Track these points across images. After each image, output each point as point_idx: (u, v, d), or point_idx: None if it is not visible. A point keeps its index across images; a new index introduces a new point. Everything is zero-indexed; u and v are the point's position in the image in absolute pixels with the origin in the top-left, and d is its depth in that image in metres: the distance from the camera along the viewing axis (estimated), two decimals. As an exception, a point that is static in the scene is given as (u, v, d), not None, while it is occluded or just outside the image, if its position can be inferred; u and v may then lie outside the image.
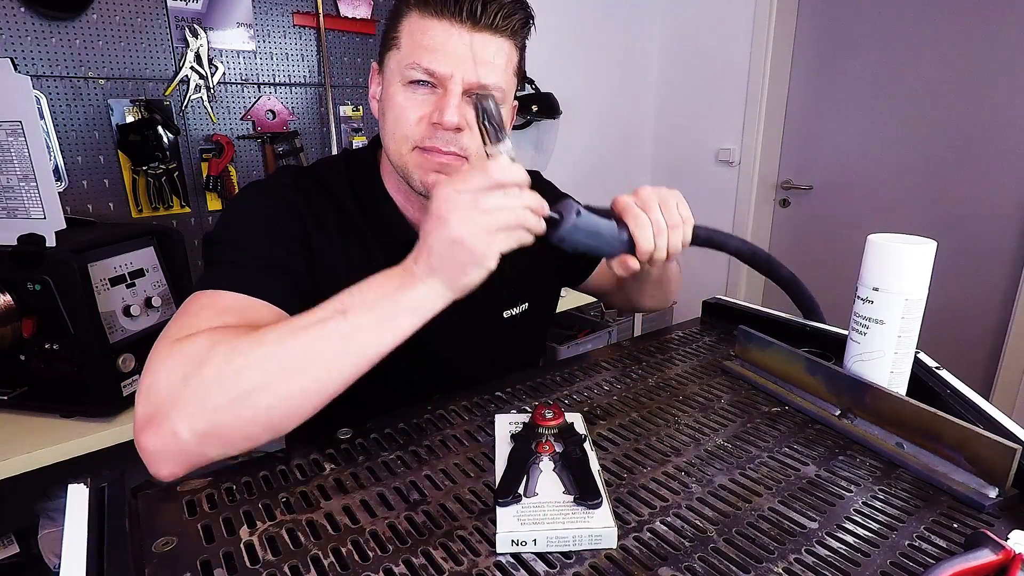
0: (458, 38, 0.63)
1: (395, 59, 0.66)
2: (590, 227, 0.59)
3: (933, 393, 0.64)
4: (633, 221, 0.61)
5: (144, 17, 1.42)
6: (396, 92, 0.66)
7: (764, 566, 0.41)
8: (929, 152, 2.01)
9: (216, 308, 0.58)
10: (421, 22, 0.64)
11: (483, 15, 0.63)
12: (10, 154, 0.94)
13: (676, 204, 0.64)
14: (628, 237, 0.62)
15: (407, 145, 0.67)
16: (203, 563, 0.41)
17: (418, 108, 0.65)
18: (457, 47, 0.63)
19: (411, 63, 0.64)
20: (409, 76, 0.64)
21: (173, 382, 0.49)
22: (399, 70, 0.65)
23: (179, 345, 0.52)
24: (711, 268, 2.61)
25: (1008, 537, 0.40)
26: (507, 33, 0.66)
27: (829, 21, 2.21)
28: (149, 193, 1.49)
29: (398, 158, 0.68)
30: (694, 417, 0.63)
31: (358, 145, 1.83)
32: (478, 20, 0.63)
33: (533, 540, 0.42)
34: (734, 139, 2.42)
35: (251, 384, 0.49)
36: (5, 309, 0.97)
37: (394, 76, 0.66)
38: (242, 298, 0.60)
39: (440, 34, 0.63)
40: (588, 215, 0.59)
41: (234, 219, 0.69)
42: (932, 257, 0.58)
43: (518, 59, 0.71)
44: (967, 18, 1.86)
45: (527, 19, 0.68)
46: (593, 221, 0.60)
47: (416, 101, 0.65)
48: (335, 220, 0.72)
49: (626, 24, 2.47)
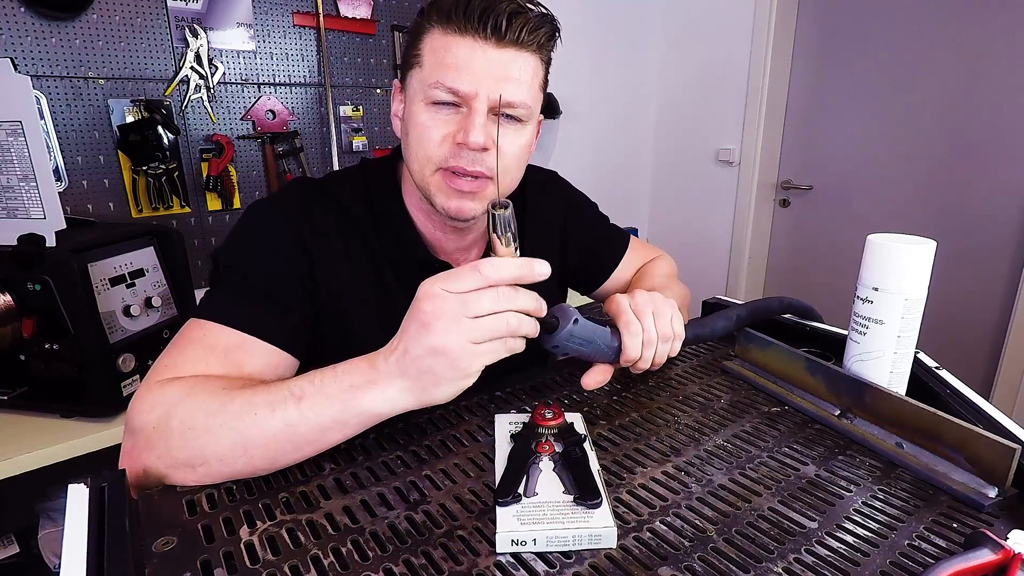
0: (482, 55, 0.61)
1: (417, 78, 0.64)
2: (586, 335, 0.58)
3: (933, 393, 0.64)
4: (625, 328, 0.61)
5: (144, 17, 1.42)
6: (419, 111, 0.64)
7: (764, 566, 0.41)
8: (929, 152, 2.01)
9: (205, 346, 0.59)
10: (444, 39, 0.62)
11: (508, 31, 0.61)
12: (10, 154, 0.94)
13: (671, 317, 0.64)
14: (619, 344, 0.61)
15: (430, 167, 0.65)
16: (203, 563, 0.41)
17: (442, 128, 0.63)
18: (481, 64, 0.61)
19: (434, 82, 0.62)
20: (432, 96, 0.63)
21: (147, 424, 0.52)
22: (422, 89, 0.64)
23: (159, 389, 0.54)
24: (711, 268, 2.61)
25: (1007, 537, 0.40)
26: (532, 48, 0.64)
27: (829, 21, 2.21)
28: (149, 193, 1.49)
29: (421, 179, 0.67)
30: (694, 417, 0.63)
31: (358, 145, 1.83)
32: (503, 36, 0.61)
33: (533, 540, 0.42)
34: (734, 139, 2.42)
35: (206, 450, 0.49)
36: (5, 309, 0.97)
37: (416, 95, 0.64)
38: (234, 334, 0.60)
39: (464, 52, 0.61)
40: (585, 323, 0.58)
41: (238, 242, 0.68)
42: (932, 257, 0.58)
43: (544, 73, 0.68)
44: (967, 18, 1.86)
45: (553, 32, 0.66)
46: (589, 329, 0.59)
47: (440, 121, 0.63)
48: (343, 237, 0.71)
49: (626, 24, 2.47)
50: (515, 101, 0.63)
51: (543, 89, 0.69)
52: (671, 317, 0.64)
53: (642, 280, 0.92)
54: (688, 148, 2.61)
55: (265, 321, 0.62)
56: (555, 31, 0.66)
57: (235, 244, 0.68)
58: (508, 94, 0.62)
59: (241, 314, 0.61)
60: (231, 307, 0.62)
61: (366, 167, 0.77)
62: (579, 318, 0.58)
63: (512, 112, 0.64)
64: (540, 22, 0.63)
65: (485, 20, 0.60)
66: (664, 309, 0.64)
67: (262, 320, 0.62)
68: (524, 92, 0.64)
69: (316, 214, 0.70)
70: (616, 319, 0.62)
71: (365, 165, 0.78)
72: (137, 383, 1.08)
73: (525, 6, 0.62)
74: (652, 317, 0.62)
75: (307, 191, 0.72)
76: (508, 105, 0.63)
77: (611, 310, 0.64)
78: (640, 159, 2.74)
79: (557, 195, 0.91)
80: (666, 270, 0.96)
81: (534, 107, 0.67)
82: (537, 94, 0.67)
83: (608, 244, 0.96)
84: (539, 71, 0.67)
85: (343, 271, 0.70)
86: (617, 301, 0.64)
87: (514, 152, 0.67)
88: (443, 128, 0.64)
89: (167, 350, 0.60)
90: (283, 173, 1.70)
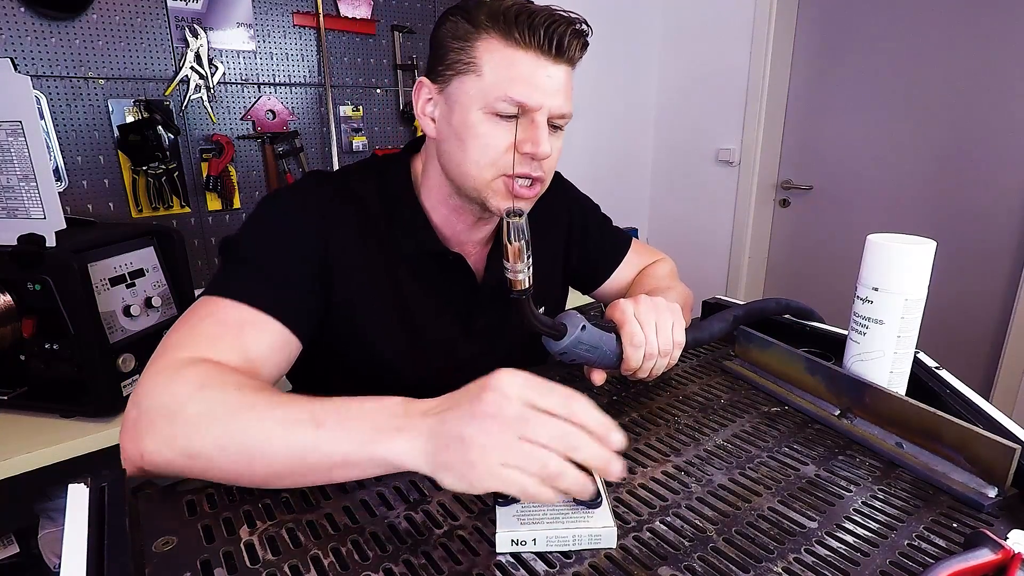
0: (544, 71, 0.65)
1: (476, 86, 0.65)
2: (592, 342, 0.61)
3: (933, 393, 0.64)
4: (628, 340, 0.63)
5: (144, 17, 1.42)
6: (479, 121, 0.66)
7: (764, 566, 0.41)
8: (929, 152, 2.01)
9: (216, 321, 0.59)
10: (507, 52, 0.64)
11: (568, 48, 0.65)
12: (10, 154, 0.94)
13: (672, 326, 0.66)
14: (622, 351, 0.64)
15: (492, 172, 0.68)
16: (203, 563, 0.41)
17: (507, 137, 0.66)
18: (543, 80, 0.65)
19: (502, 95, 0.64)
20: (498, 108, 0.65)
21: (154, 406, 0.51)
22: (482, 98, 0.65)
23: (174, 373, 0.53)
24: (711, 268, 2.61)
25: (1007, 537, 0.40)
26: (574, 62, 0.68)
27: (829, 21, 2.21)
28: (149, 193, 1.49)
29: (478, 182, 0.68)
30: (694, 417, 0.63)
31: (358, 145, 1.83)
32: (563, 54, 0.65)
33: (533, 540, 0.42)
34: (734, 139, 2.42)
35: (209, 449, 0.48)
36: (5, 309, 0.97)
37: (474, 103, 0.66)
38: (247, 311, 0.60)
39: (528, 67, 0.64)
40: (592, 329, 0.60)
41: (254, 227, 0.69)
42: (932, 257, 0.58)
43: None
44: (967, 18, 1.86)
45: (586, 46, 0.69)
46: (595, 336, 0.61)
47: (504, 130, 0.66)
48: (359, 231, 0.71)
49: (626, 24, 2.47)
50: (567, 112, 0.68)
51: None
52: (672, 325, 0.66)
53: (645, 281, 0.93)
54: (688, 148, 2.61)
55: (277, 299, 0.62)
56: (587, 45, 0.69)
57: (251, 229, 0.69)
58: (562, 106, 0.67)
59: (253, 291, 0.61)
60: (244, 285, 0.62)
61: (378, 162, 0.79)
62: (586, 325, 0.59)
63: (561, 122, 0.69)
64: (586, 41, 0.67)
65: (550, 38, 0.64)
66: (667, 318, 0.66)
67: (274, 298, 0.62)
68: (570, 103, 0.69)
69: (332, 205, 0.71)
70: (620, 327, 0.64)
71: (376, 160, 0.80)
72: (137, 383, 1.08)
73: (581, 28, 0.66)
74: (655, 327, 0.64)
75: (323, 182, 0.73)
76: (562, 117, 0.68)
77: (615, 316, 0.65)
78: (640, 159, 2.74)
79: (561, 195, 0.92)
80: (668, 273, 0.97)
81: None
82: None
83: (610, 245, 0.97)
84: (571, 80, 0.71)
85: (356, 262, 0.71)
86: (622, 308, 0.65)
87: (556, 157, 0.72)
88: (508, 138, 0.66)
89: (177, 325, 0.59)
90: (283, 173, 1.70)
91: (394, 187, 0.76)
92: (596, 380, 0.65)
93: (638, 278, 0.96)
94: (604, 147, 2.55)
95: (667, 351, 0.66)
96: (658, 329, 0.65)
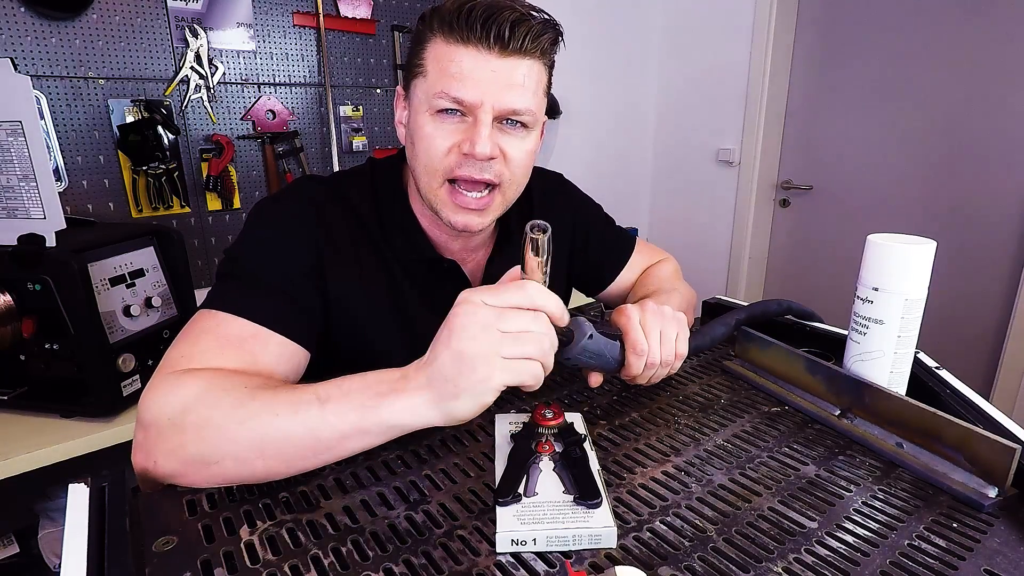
0: (485, 64, 0.61)
1: (422, 87, 0.64)
2: (597, 349, 0.60)
3: (933, 393, 0.64)
4: (631, 347, 0.62)
5: (144, 17, 1.42)
6: (424, 122, 0.64)
7: (764, 566, 0.41)
8: (929, 152, 2.01)
9: (219, 335, 0.58)
10: (447, 49, 0.62)
11: (512, 39, 0.61)
12: (10, 154, 0.94)
13: (676, 336, 0.65)
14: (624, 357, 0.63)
15: (437, 179, 0.66)
16: (203, 563, 0.41)
17: (448, 138, 0.64)
18: (485, 74, 0.61)
19: (439, 92, 0.62)
20: (437, 105, 0.63)
21: (160, 417, 0.50)
22: (426, 99, 0.64)
23: (175, 381, 0.52)
24: (711, 268, 2.61)
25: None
26: (536, 54, 0.64)
27: (829, 21, 2.21)
28: (149, 193, 1.49)
29: (428, 191, 0.67)
30: (694, 417, 0.63)
31: (358, 145, 1.83)
32: (507, 45, 0.61)
33: (533, 540, 0.42)
34: (734, 139, 2.42)
35: (221, 448, 0.49)
36: (5, 309, 0.97)
37: (421, 104, 0.64)
38: (247, 325, 0.59)
39: (467, 61, 0.61)
40: (598, 337, 0.59)
41: (250, 238, 0.68)
42: (932, 257, 0.58)
43: (548, 77, 0.68)
44: (967, 18, 1.86)
45: (556, 38, 0.66)
46: (601, 344, 0.60)
47: (445, 131, 0.64)
48: (352, 234, 0.71)
49: (626, 24, 2.47)
50: (520, 108, 0.63)
51: (547, 93, 0.69)
52: (677, 336, 0.65)
53: (649, 282, 0.92)
54: (688, 148, 2.61)
55: (277, 313, 0.62)
56: (558, 36, 0.66)
57: (246, 239, 0.68)
58: (512, 101, 0.62)
59: (254, 305, 0.61)
60: (243, 298, 0.61)
61: (373, 167, 0.78)
62: (594, 333, 0.58)
63: (517, 118, 0.64)
64: (543, 28, 0.63)
65: (488, 30, 0.60)
66: (671, 328, 0.65)
67: (274, 312, 0.62)
68: (528, 99, 0.64)
69: (326, 212, 0.70)
70: (624, 335, 0.63)
71: (372, 164, 0.78)
72: (137, 383, 1.08)
73: (528, 14, 0.62)
74: (659, 337, 0.63)
75: (316, 189, 0.72)
76: (513, 112, 0.63)
77: (620, 322, 0.64)
78: (640, 159, 2.74)
79: (564, 198, 0.92)
80: (672, 273, 0.96)
81: (538, 112, 0.67)
82: (541, 99, 0.67)
83: (614, 247, 0.96)
84: (543, 76, 0.67)
85: (352, 269, 0.70)
86: (627, 315, 0.64)
87: (520, 158, 0.67)
88: (449, 138, 0.64)
89: (178, 340, 0.59)
90: (283, 173, 1.70)
91: (386, 194, 0.75)
92: (593, 382, 0.65)
93: (641, 279, 0.95)
94: (604, 147, 2.55)
95: (668, 362, 0.65)
96: (662, 339, 0.64)
